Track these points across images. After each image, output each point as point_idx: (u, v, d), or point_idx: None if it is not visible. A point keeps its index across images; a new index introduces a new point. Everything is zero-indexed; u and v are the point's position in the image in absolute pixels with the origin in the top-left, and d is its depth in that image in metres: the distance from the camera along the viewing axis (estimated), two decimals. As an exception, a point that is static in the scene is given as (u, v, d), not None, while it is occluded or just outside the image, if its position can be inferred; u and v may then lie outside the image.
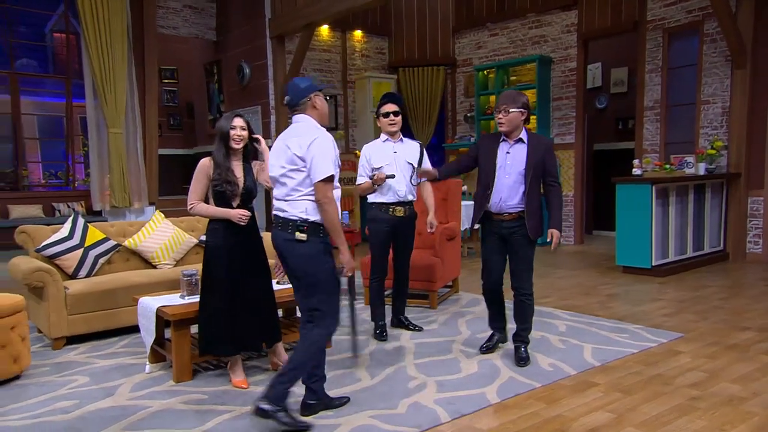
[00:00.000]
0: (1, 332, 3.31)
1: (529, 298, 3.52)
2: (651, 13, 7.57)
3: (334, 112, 9.71)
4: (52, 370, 3.60)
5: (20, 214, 8.62)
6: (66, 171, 10.01)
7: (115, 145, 8.95)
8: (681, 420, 2.70)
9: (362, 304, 5.07)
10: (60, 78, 10.18)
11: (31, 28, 9.73)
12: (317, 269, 2.72)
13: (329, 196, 2.63)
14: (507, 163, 3.38)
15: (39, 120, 11.64)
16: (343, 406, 2.90)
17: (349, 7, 7.39)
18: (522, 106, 3.33)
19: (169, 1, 9.75)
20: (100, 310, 4.17)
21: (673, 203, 6.33)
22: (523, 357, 3.49)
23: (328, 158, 2.64)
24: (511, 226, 3.41)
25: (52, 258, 4.30)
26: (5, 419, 2.88)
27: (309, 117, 2.78)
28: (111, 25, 8.75)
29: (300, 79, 2.84)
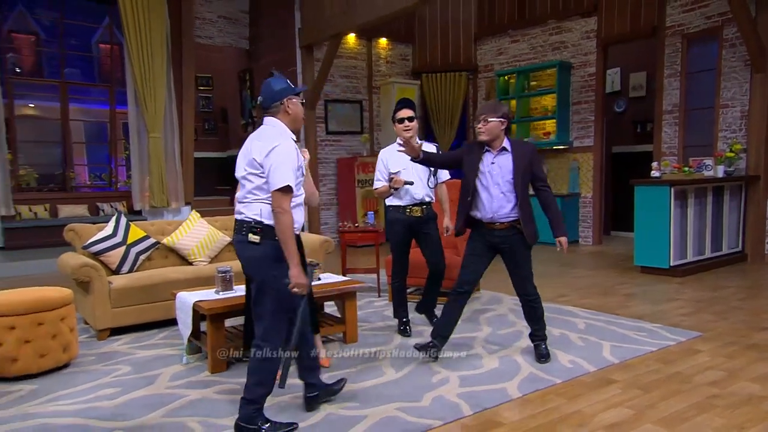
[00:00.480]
0: (52, 323, 3.40)
1: (536, 301, 3.45)
2: (670, 19, 7.42)
3: (360, 117, 9.75)
4: (98, 360, 3.68)
5: (68, 214, 8.84)
6: (109, 173, 10.23)
7: (155, 148, 9.12)
8: (700, 417, 2.64)
9: (386, 301, 5.08)
10: (104, 86, 10.42)
11: (79, 39, 9.98)
12: (266, 273, 2.50)
13: (284, 207, 2.42)
14: (495, 173, 3.27)
15: (85, 126, 11.92)
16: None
17: (375, 17, 7.40)
18: (502, 116, 3.25)
19: (205, 13, 9.90)
20: (141, 303, 4.25)
21: (691, 205, 6.19)
22: (544, 354, 3.43)
23: (286, 168, 2.44)
24: (504, 235, 3.32)
25: (97, 254, 4.40)
26: (57, 404, 2.97)
27: (278, 121, 2.60)
28: (152, 36, 8.92)
29: (276, 80, 2.62)
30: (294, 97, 2.62)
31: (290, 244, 2.43)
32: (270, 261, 2.49)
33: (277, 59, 9.49)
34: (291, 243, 2.44)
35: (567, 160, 8.83)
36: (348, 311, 3.91)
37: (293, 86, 2.64)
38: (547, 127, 8.93)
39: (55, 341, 3.42)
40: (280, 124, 2.60)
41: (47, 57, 10.34)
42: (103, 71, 11.35)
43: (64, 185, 9.45)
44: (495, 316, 4.52)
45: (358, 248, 8.45)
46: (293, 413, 2.76)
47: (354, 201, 9.07)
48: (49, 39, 10.12)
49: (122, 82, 9.40)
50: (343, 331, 3.92)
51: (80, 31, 9.89)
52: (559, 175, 8.97)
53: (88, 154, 12.04)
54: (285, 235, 2.43)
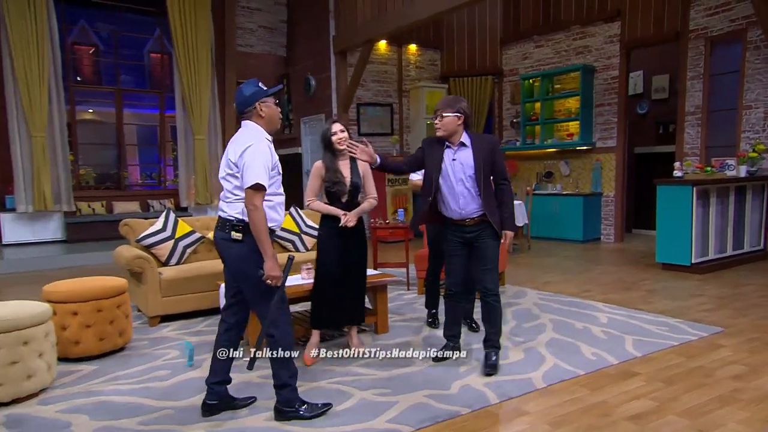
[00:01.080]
0: (109, 310, 3.51)
1: (496, 300, 3.13)
2: (694, 22, 7.19)
3: (390, 119, 9.75)
4: (150, 344, 3.78)
5: (122, 210, 9.10)
6: (158, 172, 10.49)
7: (200, 150, 9.32)
8: (723, 410, 2.57)
9: (415, 294, 5.07)
10: (155, 92, 10.67)
11: (132, 50, 10.26)
12: (250, 269, 2.47)
13: (255, 204, 2.37)
14: (457, 170, 3.06)
15: (137, 129, 12.24)
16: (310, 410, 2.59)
17: (405, 24, 7.38)
18: (458, 110, 3.04)
19: (246, 23, 10.04)
20: (188, 293, 4.34)
21: (713, 204, 5.99)
22: (493, 364, 3.08)
23: (257, 166, 2.38)
24: (474, 230, 3.10)
25: (149, 247, 4.51)
26: (115, 384, 3.06)
27: (254, 124, 2.52)
28: (197, 46, 9.11)
29: (246, 86, 2.53)
30: (267, 99, 2.53)
31: (263, 239, 2.40)
32: (255, 256, 2.45)
33: (312, 65, 9.57)
34: (264, 237, 2.40)
35: (590, 161, 8.66)
36: (379, 303, 3.92)
37: (265, 89, 2.54)
38: (571, 128, 8.77)
39: (112, 326, 3.53)
40: (255, 126, 2.52)
41: (104, 66, 10.64)
42: (154, 78, 11.64)
43: (118, 184, 9.73)
44: (520, 310, 4.47)
45: (388, 243, 8.46)
46: (327, 397, 2.78)
47: (384, 199, 9.08)
48: (106, 50, 10.43)
49: (171, 88, 9.63)
50: (374, 322, 3.93)
51: (134, 42, 10.17)
52: (582, 174, 8.80)
53: (139, 155, 12.36)
54: (258, 230, 2.40)
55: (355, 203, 3.40)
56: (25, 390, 2.82)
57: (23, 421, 2.62)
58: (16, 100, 7.97)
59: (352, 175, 3.36)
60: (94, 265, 6.94)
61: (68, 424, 2.57)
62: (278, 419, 2.55)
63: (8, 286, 5.98)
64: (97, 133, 11.40)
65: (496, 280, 3.16)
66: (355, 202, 3.40)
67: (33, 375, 2.84)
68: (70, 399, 2.86)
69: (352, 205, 3.39)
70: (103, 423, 2.57)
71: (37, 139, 8.05)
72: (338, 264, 3.36)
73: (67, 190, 8.47)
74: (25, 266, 6.97)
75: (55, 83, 8.24)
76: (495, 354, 3.15)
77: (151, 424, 2.55)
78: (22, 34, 7.85)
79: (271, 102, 2.56)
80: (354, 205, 3.39)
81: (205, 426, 2.52)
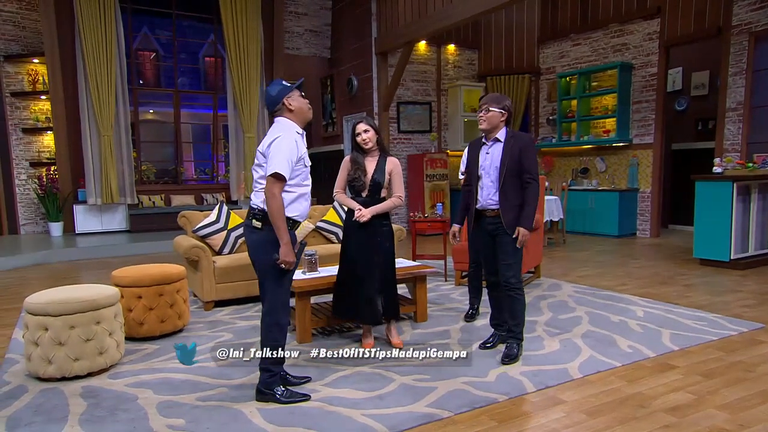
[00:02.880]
0: (170, 294, 3.64)
1: (518, 293, 3.10)
2: (737, 17, 6.81)
3: (429, 117, 9.69)
4: (205, 327, 3.90)
5: (178, 203, 9.41)
6: (211, 168, 10.76)
7: (249, 147, 9.51)
8: (766, 405, 2.44)
9: (453, 285, 5.04)
10: (209, 93, 10.94)
11: (189, 54, 10.54)
12: (265, 257, 2.48)
13: (273, 192, 2.39)
14: (486, 163, 3.11)
15: (192, 127, 12.60)
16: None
17: (444, 26, 7.31)
18: (503, 108, 3.04)
19: (294, 27, 10.16)
20: (239, 280, 4.43)
21: (755, 200, 5.69)
22: (513, 355, 3.05)
23: (281, 157, 2.40)
24: (494, 222, 3.10)
25: (204, 237, 4.64)
26: (175, 362, 3.17)
27: (285, 119, 2.54)
28: (248, 50, 9.29)
29: (272, 86, 2.57)
30: (292, 93, 2.54)
31: (280, 225, 2.41)
32: (270, 245, 2.45)
33: (355, 66, 9.60)
34: (281, 224, 2.41)
35: (626, 157, 8.36)
36: (419, 293, 3.91)
37: (289, 84, 2.57)
38: (607, 125, 8.49)
39: (172, 310, 3.66)
40: (287, 120, 2.55)
41: (164, 70, 10.98)
42: (208, 80, 11.93)
43: (175, 178, 10.05)
44: (555, 302, 4.38)
45: (426, 236, 8.43)
46: (369, 381, 2.80)
47: (423, 193, 9.05)
48: (166, 54, 10.76)
49: (223, 89, 9.86)
50: (414, 311, 3.93)
51: (190, 47, 10.44)
52: (618, 170, 8.52)
53: (194, 152, 12.72)
54: (274, 217, 2.41)
55: (377, 199, 3.29)
56: (97, 365, 2.96)
57: (97, 393, 2.75)
58: (87, 102, 8.35)
59: (375, 172, 3.27)
60: (155, 253, 7.21)
61: (135, 397, 2.69)
62: (257, 399, 2.62)
63: (81, 271, 6.29)
64: (156, 132, 11.80)
65: (517, 275, 3.10)
66: (377, 198, 3.29)
67: (104, 352, 2.98)
68: (137, 375, 2.99)
69: (374, 200, 3.29)
70: (166, 397, 2.67)
71: (105, 138, 8.41)
72: (357, 257, 3.28)
73: (130, 185, 8.83)
74: (94, 253, 7.31)
75: (121, 86, 8.58)
76: (516, 346, 3.11)
77: (208, 401, 2.64)
78: (94, 42, 8.20)
79: (297, 95, 2.56)
80: (376, 201, 3.29)
81: (257, 404, 2.58)
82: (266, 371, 2.61)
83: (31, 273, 6.22)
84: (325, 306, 3.96)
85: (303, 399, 2.62)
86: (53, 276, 5.99)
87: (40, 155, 8.69)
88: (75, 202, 8.60)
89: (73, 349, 2.88)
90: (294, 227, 2.58)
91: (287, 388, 2.65)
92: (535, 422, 2.36)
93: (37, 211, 8.78)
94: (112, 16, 8.32)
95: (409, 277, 3.90)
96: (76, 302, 2.90)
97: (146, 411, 2.52)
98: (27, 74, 8.49)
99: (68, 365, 2.88)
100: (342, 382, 2.82)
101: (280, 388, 2.61)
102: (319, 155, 11.23)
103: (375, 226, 3.28)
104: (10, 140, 8.48)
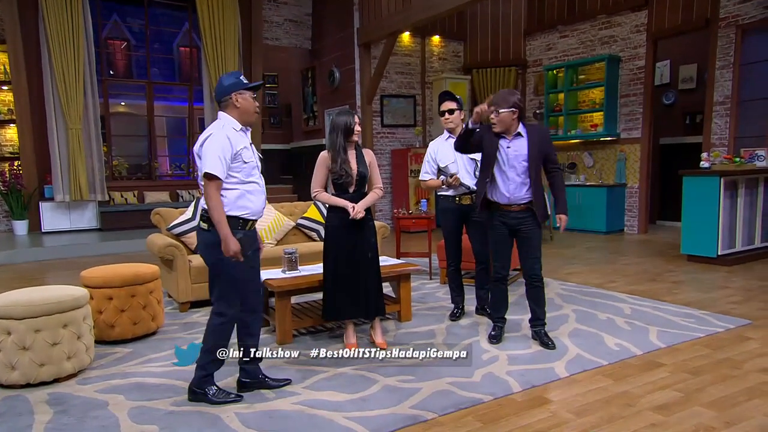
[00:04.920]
0: (142, 295, 3.59)
1: (541, 282, 3.35)
2: (724, 10, 6.94)
3: (413, 111, 9.70)
4: (180, 329, 3.86)
5: (152, 200, 9.27)
6: (187, 163, 10.64)
7: (228, 141, 9.38)
8: (751, 403, 2.50)
9: (438, 283, 5.06)
10: (184, 85, 10.80)
11: (162, 44, 10.39)
12: (215, 257, 2.52)
13: (208, 192, 2.42)
14: (510, 158, 3.18)
15: (167, 120, 12.43)
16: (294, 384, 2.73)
17: (429, 16, 7.31)
18: (512, 105, 3.13)
19: (273, 17, 10.08)
20: (217, 280, 4.40)
21: (741, 195, 5.82)
22: (547, 340, 3.30)
23: (212, 156, 2.41)
24: (520, 216, 3.23)
25: (179, 235, 4.58)
26: (148, 366, 3.14)
27: (226, 115, 2.55)
28: (225, 39, 9.18)
29: (227, 77, 2.58)
30: (244, 92, 2.54)
31: (220, 223, 2.44)
32: (217, 246, 2.47)
33: (337, 57, 9.56)
34: (220, 222, 2.43)
35: (614, 151, 8.48)
36: (403, 292, 3.92)
37: (246, 82, 2.57)
38: (595, 119, 8.59)
39: (145, 311, 3.61)
40: (227, 116, 2.55)
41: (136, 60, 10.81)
42: (183, 71, 11.78)
43: (149, 174, 9.91)
44: (542, 300, 4.41)
45: (411, 233, 8.45)
46: (351, 383, 2.80)
47: (407, 189, 9.07)
48: (138, 44, 10.59)
49: (199, 81, 9.73)
50: (398, 310, 3.94)
51: (163, 36, 10.29)
52: (605, 165, 8.63)
53: (169, 147, 12.56)
54: (212, 216, 2.45)
55: (362, 193, 3.30)
56: (65, 370, 2.91)
57: (65, 400, 2.70)
58: (53, 93, 8.17)
59: (359, 165, 3.26)
60: (127, 252, 7.10)
61: (106, 403, 2.65)
62: (189, 398, 2.64)
63: (48, 272, 6.17)
64: (128, 126, 11.61)
65: (541, 268, 3.33)
66: (362, 192, 3.30)
67: (73, 356, 2.93)
68: (107, 380, 2.94)
69: (360, 195, 3.28)
70: (139, 403, 2.63)
71: (73, 131, 8.24)
72: (347, 255, 3.27)
73: (101, 180, 8.67)
74: (63, 253, 7.18)
75: (90, 77, 8.41)
76: (544, 330, 3.37)
77: (184, 405, 2.61)
78: (60, 29, 8.02)
79: (249, 95, 2.56)
80: (361, 196, 3.28)
81: (236, 407, 2.56)
82: (201, 369, 2.63)
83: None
84: (306, 306, 3.94)
85: (235, 400, 2.63)
86: (18, 277, 5.86)
87: (3, 149, 8.48)
88: (41, 199, 8.42)
89: (38, 354, 2.82)
90: (247, 226, 2.58)
91: (220, 389, 2.66)
92: (521, 422, 2.38)
93: (0, 209, 8.57)
94: (78, 1, 8.14)
95: (393, 275, 3.90)
96: (42, 304, 2.84)
97: (117, 417, 2.48)
98: (-12, 63, 8.29)
99: (33, 371, 2.82)
100: (324, 384, 2.81)
101: (212, 388, 2.64)
102: (300, 150, 11.17)
103: (364, 222, 3.28)
104: (-30, 133, 8.26)
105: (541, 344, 3.32)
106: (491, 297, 3.56)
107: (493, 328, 3.49)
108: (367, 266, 3.33)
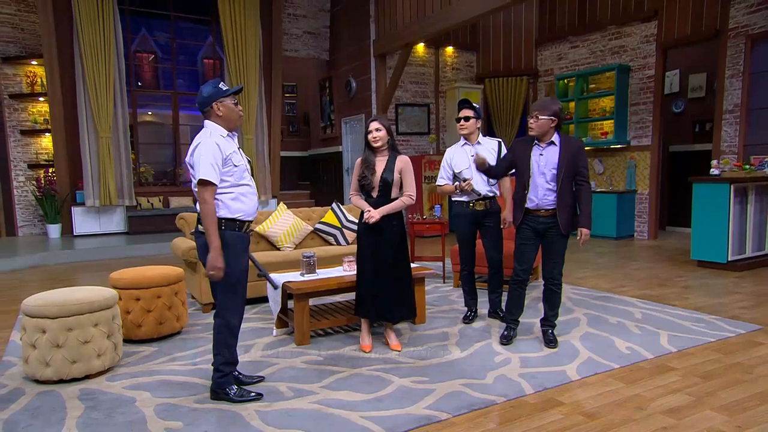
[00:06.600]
0: (168, 296, 3.63)
1: (559, 287, 3.34)
2: (733, 20, 6.84)
3: (427, 119, 9.70)
4: (203, 329, 3.89)
5: (177, 204, 9.39)
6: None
7: (247, 148, 9.49)
8: (763, 407, 2.44)
9: (451, 287, 5.04)
10: (207, 95, 10.90)
11: (187, 56, 10.53)
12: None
13: (203, 198, 2.43)
14: (541, 164, 3.20)
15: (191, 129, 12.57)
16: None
17: (442, 28, 7.32)
18: (552, 114, 3.15)
19: (292, 29, 10.17)
20: (238, 282, 4.43)
21: (752, 202, 5.71)
22: (552, 339, 3.34)
23: (204, 162, 2.42)
24: (547, 221, 3.23)
25: (203, 239, 4.62)
26: (173, 364, 3.18)
27: (211, 123, 2.56)
28: (246, 51, 9.29)
29: (206, 86, 2.56)
30: (225, 99, 2.54)
31: (211, 232, 2.44)
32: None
33: (353, 68, 9.61)
34: (212, 230, 2.44)
35: (624, 159, 8.38)
36: (417, 295, 3.89)
37: (225, 89, 2.56)
38: (605, 127, 8.51)
39: (170, 312, 3.65)
40: (212, 124, 2.56)
41: (162, 71, 10.97)
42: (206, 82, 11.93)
43: (174, 180, 10.03)
44: (553, 304, 4.37)
45: (425, 238, 8.44)
46: (367, 383, 2.79)
47: (421, 195, 9.06)
48: (164, 56, 10.74)
49: (222, 91, 9.84)
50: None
51: (189, 48, 10.43)
52: (615, 172, 8.53)
53: (193, 154, 12.66)
54: (206, 223, 2.45)
55: (388, 199, 3.27)
56: (95, 367, 2.96)
57: (95, 395, 2.75)
58: (86, 104, 8.34)
59: (384, 171, 3.25)
60: (153, 255, 7.19)
61: (133, 399, 2.69)
62: (212, 398, 2.66)
63: (79, 273, 6.28)
64: (155, 134, 11.78)
65: (561, 271, 3.33)
66: (387, 198, 3.27)
67: (102, 354, 2.98)
68: (134, 377, 2.98)
69: (385, 200, 3.27)
70: (164, 400, 2.66)
71: (104, 140, 8.40)
72: (371, 258, 3.29)
73: (129, 186, 8.82)
74: (92, 255, 7.29)
75: (120, 88, 8.57)
76: (552, 330, 3.39)
77: (207, 403, 2.63)
78: (92, 44, 8.20)
79: (229, 102, 2.56)
80: (385, 200, 3.27)
81: (256, 406, 2.58)
82: (217, 371, 2.66)
83: (28, 275, 6.20)
84: (324, 308, 3.96)
85: (255, 398, 2.64)
86: (51, 278, 5.97)
87: (38, 157, 8.67)
88: (73, 203, 8.58)
89: (70, 352, 2.87)
90: (243, 228, 2.60)
91: (240, 387, 2.68)
92: (533, 424, 2.35)
93: (35, 213, 8.76)
94: (110, 17, 8.32)
95: (408, 279, 3.88)
96: (74, 304, 2.90)
97: (144, 413, 2.52)
98: (25, 76, 8.49)
99: (66, 368, 2.87)
100: (340, 384, 2.81)
101: (233, 388, 2.66)
102: (317, 157, 11.24)
103: (384, 226, 3.26)
104: (8, 142, 8.47)
105: (545, 342, 3.34)
106: (507, 298, 3.49)
107: (506, 329, 3.48)
108: (393, 271, 3.30)
